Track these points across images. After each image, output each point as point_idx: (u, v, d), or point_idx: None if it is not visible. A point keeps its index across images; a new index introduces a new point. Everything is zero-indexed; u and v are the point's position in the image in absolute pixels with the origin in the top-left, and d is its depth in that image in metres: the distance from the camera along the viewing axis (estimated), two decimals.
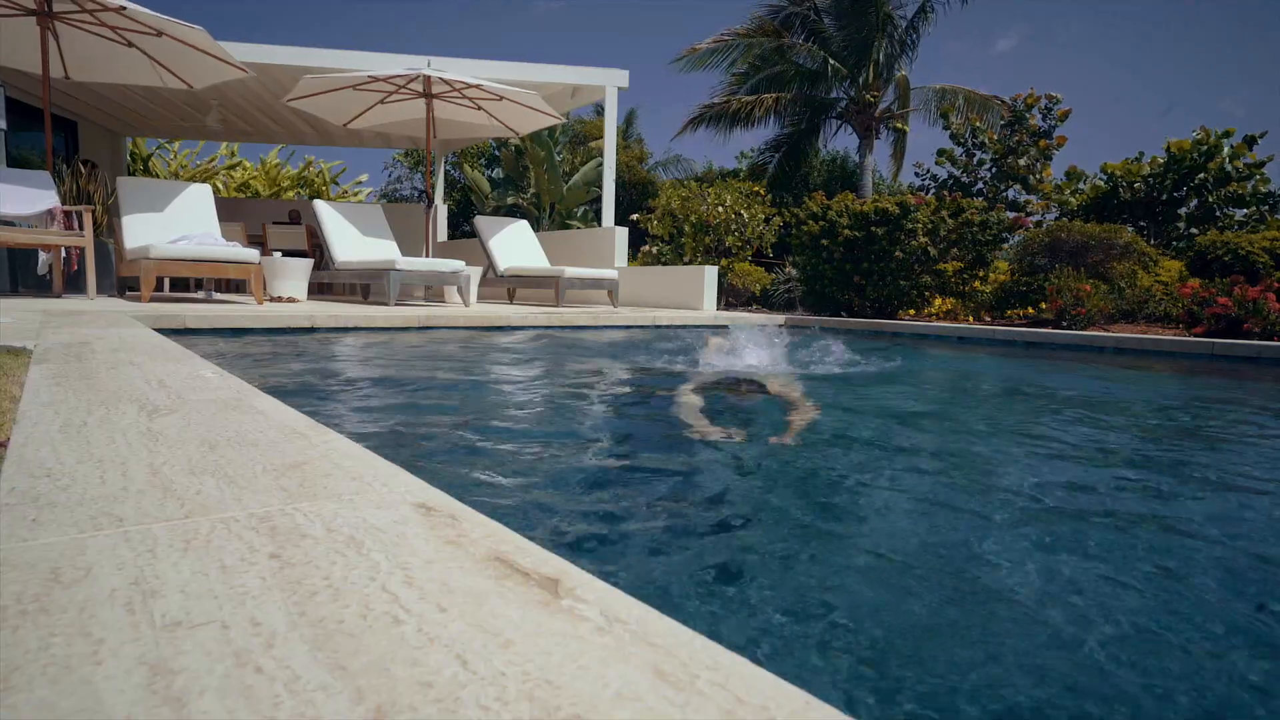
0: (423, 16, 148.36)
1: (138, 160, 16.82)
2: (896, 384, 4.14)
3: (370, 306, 6.72)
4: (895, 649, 1.05)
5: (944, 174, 13.69)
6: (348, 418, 2.63)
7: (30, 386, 1.55)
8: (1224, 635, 1.14)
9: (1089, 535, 1.60)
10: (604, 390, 3.60)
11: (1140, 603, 1.26)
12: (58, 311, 4.21)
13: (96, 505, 0.77)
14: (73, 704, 0.41)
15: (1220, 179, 10.67)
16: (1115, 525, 1.69)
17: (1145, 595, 1.29)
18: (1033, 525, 1.64)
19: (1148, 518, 1.79)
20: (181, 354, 2.27)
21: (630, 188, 20.89)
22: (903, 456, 2.40)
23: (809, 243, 9.09)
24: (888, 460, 2.33)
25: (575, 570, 0.63)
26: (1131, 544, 1.56)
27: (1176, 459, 2.59)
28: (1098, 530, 1.64)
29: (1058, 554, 1.46)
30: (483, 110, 8.90)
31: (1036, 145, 12.50)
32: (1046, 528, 1.63)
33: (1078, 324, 7.36)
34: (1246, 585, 1.39)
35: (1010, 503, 1.83)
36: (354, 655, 0.47)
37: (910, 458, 2.38)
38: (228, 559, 0.63)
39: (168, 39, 6.77)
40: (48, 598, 0.54)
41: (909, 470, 2.18)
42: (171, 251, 5.83)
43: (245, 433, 1.14)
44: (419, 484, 0.88)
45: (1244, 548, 1.59)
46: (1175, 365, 5.48)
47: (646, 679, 0.45)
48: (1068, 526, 1.66)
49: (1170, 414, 3.52)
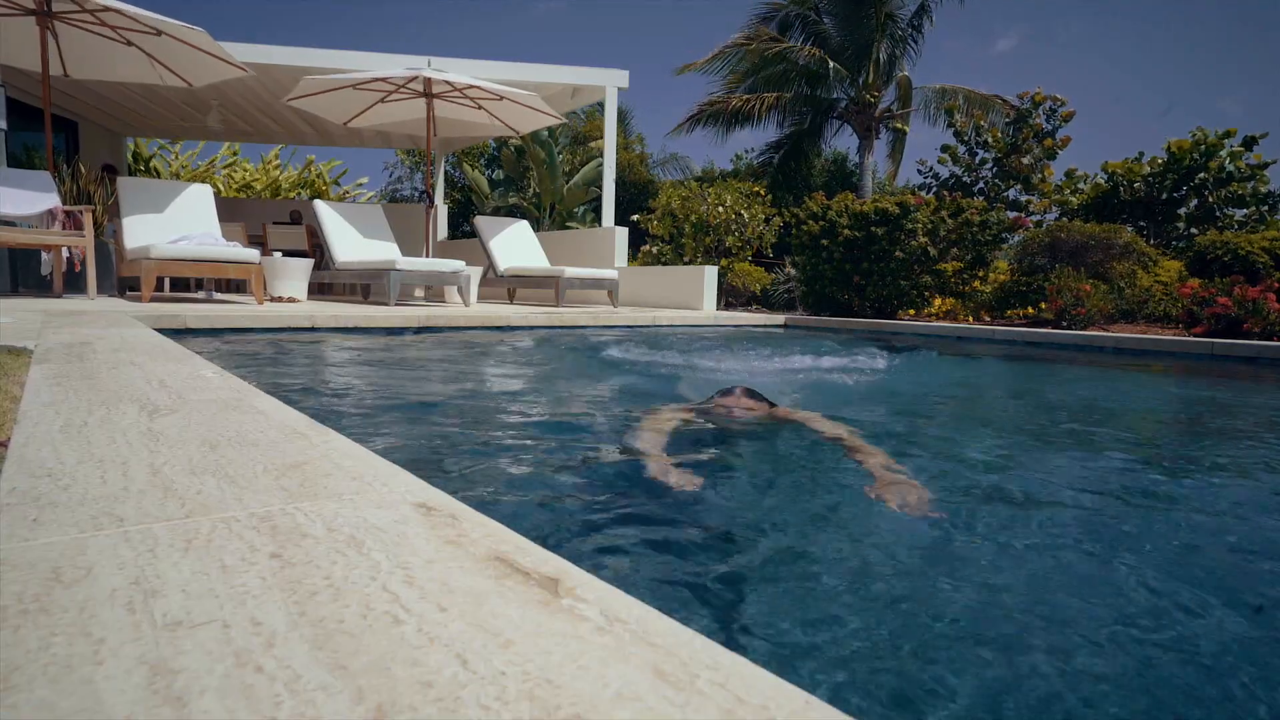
0: (423, 16, 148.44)
1: (140, 161, 16.83)
2: (944, 393, 4.00)
3: (370, 306, 6.72)
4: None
5: (945, 173, 13.70)
6: (348, 417, 2.63)
7: (31, 386, 1.55)
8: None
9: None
10: (605, 389, 3.60)
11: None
12: (58, 311, 4.22)
13: (97, 505, 0.77)
14: (73, 703, 0.42)
15: (1220, 179, 10.67)
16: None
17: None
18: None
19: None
20: (182, 354, 2.27)
21: (629, 186, 20.90)
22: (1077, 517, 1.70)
23: (809, 243, 9.09)
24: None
25: (575, 570, 0.63)
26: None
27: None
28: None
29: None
30: (483, 110, 8.90)
31: (1041, 145, 12.50)
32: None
33: (1077, 324, 7.36)
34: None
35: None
36: (354, 655, 0.47)
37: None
38: (228, 559, 0.63)
39: (167, 38, 6.77)
40: (48, 597, 0.54)
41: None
42: (172, 252, 5.84)
43: (246, 433, 1.14)
44: (419, 484, 0.88)
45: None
46: (1196, 367, 5.44)
47: (646, 679, 0.45)
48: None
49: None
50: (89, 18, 6.55)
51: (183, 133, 13.56)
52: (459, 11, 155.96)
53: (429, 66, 8.18)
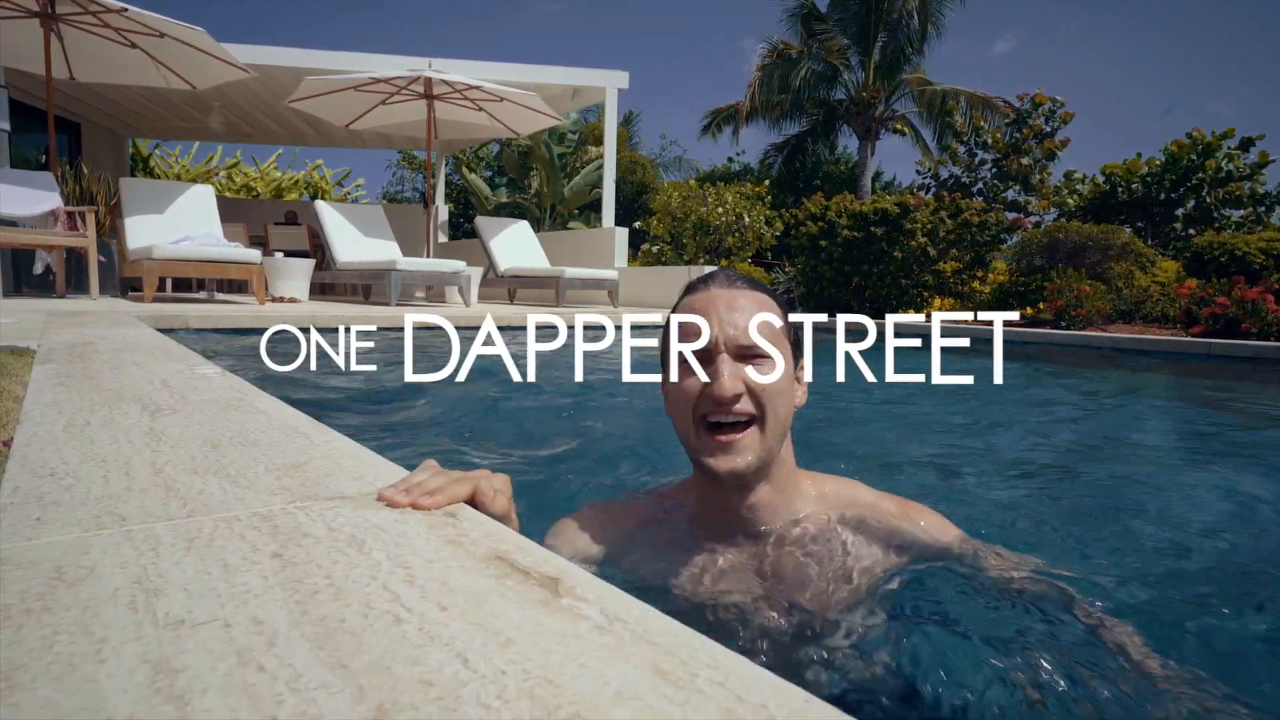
0: (423, 18, 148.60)
1: (138, 162, 16.85)
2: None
3: (371, 307, 6.73)
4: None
5: (945, 173, 13.70)
6: (349, 417, 2.63)
7: (34, 386, 1.55)
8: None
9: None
10: (603, 388, 3.60)
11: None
12: (61, 312, 4.22)
13: (100, 504, 0.77)
14: (76, 702, 0.42)
15: (1218, 180, 10.68)
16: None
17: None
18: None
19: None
20: (184, 354, 2.27)
21: (629, 185, 20.90)
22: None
23: (808, 244, 9.09)
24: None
25: (575, 569, 0.63)
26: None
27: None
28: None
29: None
30: (483, 111, 8.91)
31: (1040, 145, 12.51)
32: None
33: (1076, 324, 7.36)
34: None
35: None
36: (355, 654, 0.48)
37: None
38: (230, 558, 0.63)
39: (170, 40, 6.78)
40: (51, 596, 0.55)
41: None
42: (174, 252, 5.84)
43: (247, 432, 1.14)
44: None
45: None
46: (1211, 368, 5.40)
47: (646, 678, 0.45)
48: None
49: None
50: (92, 19, 6.55)
51: (185, 134, 13.57)
52: (458, 13, 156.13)
53: (430, 68, 8.19)
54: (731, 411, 1.02)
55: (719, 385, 1.01)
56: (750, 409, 1.03)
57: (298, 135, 13.24)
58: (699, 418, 1.05)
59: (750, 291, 1.09)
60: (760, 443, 1.04)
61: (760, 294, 1.10)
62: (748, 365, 1.03)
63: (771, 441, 1.05)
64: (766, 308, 1.08)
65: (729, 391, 1.00)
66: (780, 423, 1.06)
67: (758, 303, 1.08)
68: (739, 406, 1.02)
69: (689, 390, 1.04)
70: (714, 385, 1.01)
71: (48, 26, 6.36)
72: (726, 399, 1.01)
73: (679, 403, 1.07)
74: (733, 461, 1.03)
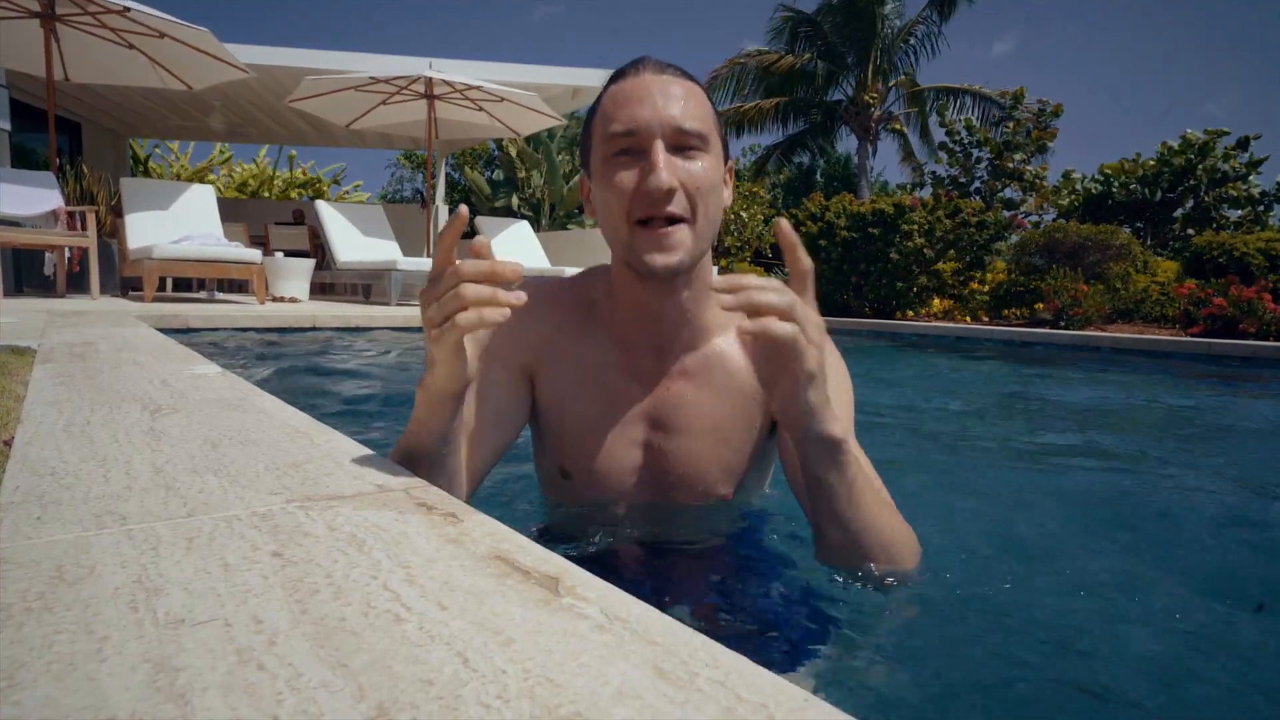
0: (423, 19, 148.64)
1: (136, 164, 16.86)
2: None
3: (372, 306, 6.73)
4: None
5: (942, 172, 13.72)
6: (349, 417, 2.63)
7: (34, 385, 1.55)
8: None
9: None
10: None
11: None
12: (61, 311, 4.22)
13: (100, 504, 0.77)
14: (77, 701, 0.42)
15: (1215, 180, 10.69)
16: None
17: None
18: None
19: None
20: (184, 353, 2.27)
21: None
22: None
23: (807, 244, 9.10)
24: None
25: (575, 569, 0.63)
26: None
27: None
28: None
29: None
30: (484, 111, 8.91)
31: (1030, 138, 12.52)
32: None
33: (1075, 324, 7.36)
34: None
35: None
36: (355, 653, 0.48)
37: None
38: (230, 557, 0.63)
39: (169, 40, 6.77)
40: (52, 595, 0.55)
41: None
42: (174, 252, 5.84)
43: (248, 432, 1.14)
44: (419, 483, 0.88)
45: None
46: (1211, 368, 5.42)
47: (646, 677, 0.45)
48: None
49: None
50: (92, 20, 6.55)
51: (186, 134, 13.57)
52: (458, 14, 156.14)
53: (430, 68, 8.19)
54: (665, 211, 0.97)
55: (655, 177, 0.95)
56: (684, 208, 0.98)
57: (299, 135, 13.23)
58: (633, 220, 0.99)
59: (684, 80, 1.04)
60: (693, 240, 1.00)
61: (693, 83, 1.05)
62: (681, 159, 0.98)
63: (705, 241, 1.02)
64: (702, 95, 1.04)
65: (665, 184, 0.95)
66: (710, 223, 1.02)
67: (691, 90, 1.02)
68: (672, 207, 0.97)
69: (622, 186, 0.98)
70: (651, 178, 0.96)
71: (48, 27, 6.36)
72: (663, 190, 0.95)
73: (610, 204, 1.00)
74: (668, 258, 0.98)
